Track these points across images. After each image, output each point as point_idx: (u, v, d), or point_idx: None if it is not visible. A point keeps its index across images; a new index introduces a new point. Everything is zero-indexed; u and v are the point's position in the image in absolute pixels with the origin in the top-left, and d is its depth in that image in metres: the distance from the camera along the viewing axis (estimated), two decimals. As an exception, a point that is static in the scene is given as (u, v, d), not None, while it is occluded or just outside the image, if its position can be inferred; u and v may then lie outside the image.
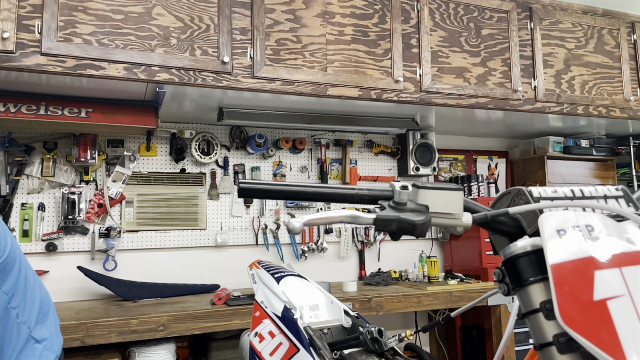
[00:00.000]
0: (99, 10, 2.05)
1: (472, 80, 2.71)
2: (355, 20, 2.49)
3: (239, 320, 2.11)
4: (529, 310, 0.62)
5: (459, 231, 0.69)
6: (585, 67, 3.02)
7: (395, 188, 0.68)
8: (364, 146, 3.19)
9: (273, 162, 2.97)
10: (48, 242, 2.47)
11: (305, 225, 0.67)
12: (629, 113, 3.09)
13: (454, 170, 3.46)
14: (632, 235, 0.60)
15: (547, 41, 2.93)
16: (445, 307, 2.58)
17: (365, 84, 2.46)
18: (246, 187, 0.72)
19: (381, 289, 2.61)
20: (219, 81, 2.20)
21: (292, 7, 2.38)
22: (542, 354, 0.60)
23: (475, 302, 0.91)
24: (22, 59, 1.93)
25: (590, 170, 3.49)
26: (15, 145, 2.43)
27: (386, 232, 0.74)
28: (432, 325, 1.03)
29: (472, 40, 2.74)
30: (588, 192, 0.70)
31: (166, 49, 2.13)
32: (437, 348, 3.18)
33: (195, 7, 2.20)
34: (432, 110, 2.82)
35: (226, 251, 2.82)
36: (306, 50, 2.37)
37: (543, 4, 2.95)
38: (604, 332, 0.52)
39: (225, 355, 2.39)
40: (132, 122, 2.36)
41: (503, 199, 0.73)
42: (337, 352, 1.03)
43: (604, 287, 0.54)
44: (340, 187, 0.73)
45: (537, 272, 0.62)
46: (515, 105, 2.80)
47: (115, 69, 2.05)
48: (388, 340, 1.02)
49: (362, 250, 3.10)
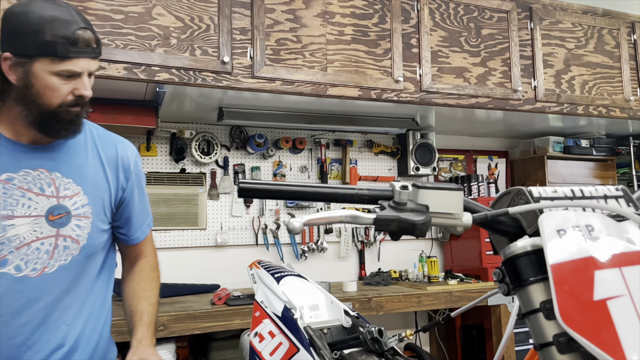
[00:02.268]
0: (99, 10, 2.05)
1: (472, 80, 2.71)
2: (355, 20, 2.49)
3: (239, 320, 2.11)
4: (529, 310, 0.62)
5: (459, 231, 0.69)
6: (585, 67, 3.02)
7: (395, 188, 0.68)
8: (364, 146, 3.19)
9: (273, 162, 2.97)
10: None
11: (305, 225, 0.67)
12: (629, 113, 3.09)
13: (454, 170, 3.46)
14: (632, 235, 0.60)
15: (547, 41, 2.93)
16: (445, 307, 2.58)
17: (365, 84, 2.46)
18: (246, 187, 0.72)
19: (381, 289, 2.61)
20: (219, 81, 2.20)
21: (292, 7, 2.38)
22: (542, 354, 0.60)
23: (475, 302, 0.91)
24: (22, 59, 1.93)
25: (590, 170, 3.49)
26: (15, 145, 2.43)
27: (386, 232, 0.74)
28: (432, 325, 1.03)
29: (472, 40, 2.74)
30: (588, 192, 0.70)
31: (166, 49, 2.13)
32: (437, 348, 3.18)
33: (195, 7, 2.20)
34: (432, 110, 2.82)
35: (226, 251, 2.82)
36: (306, 50, 2.37)
37: (543, 4, 2.95)
38: (604, 332, 0.52)
39: (225, 355, 2.39)
40: (132, 122, 2.36)
41: (503, 199, 0.73)
42: (337, 352, 1.03)
43: (604, 287, 0.54)
44: (340, 187, 0.73)
45: (537, 272, 0.62)
46: (515, 105, 2.80)
47: (115, 68, 2.05)
48: (388, 340, 1.02)
49: (362, 250, 3.10)
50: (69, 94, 1.07)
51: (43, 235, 1.12)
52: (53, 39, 1.01)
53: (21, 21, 1.02)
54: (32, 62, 1.03)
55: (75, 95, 1.08)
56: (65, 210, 1.14)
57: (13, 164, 1.10)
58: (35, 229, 1.11)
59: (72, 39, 1.02)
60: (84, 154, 1.19)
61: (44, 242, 1.12)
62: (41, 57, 1.02)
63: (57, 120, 1.09)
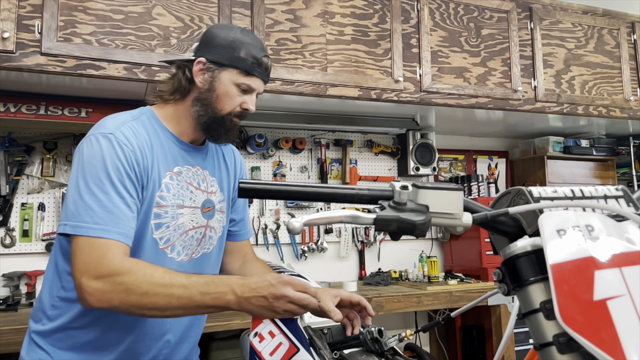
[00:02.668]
0: (99, 10, 2.05)
1: (472, 80, 2.71)
2: (355, 20, 2.49)
3: (239, 320, 2.11)
4: (529, 310, 0.62)
5: (459, 231, 0.69)
6: (585, 67, 3.02)
7: (395, 188, 0.68)
8: (364, 146, 3.19)
9: (273, 162, 2.97)
10: (48, 242, 2.47)
11: (305, 225, 0.67)
12: (629, 113, 3.09)
13: (454, 170, 3.46)
14: (632, 235, 0.60)
15: (547, 41, 2.93)
16: (445, 307, 2.58)
17: (365, 84, 2.46)
18: (246, 187, 0.72)
19: (381, 289, 2.61)
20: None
21: (292, 7, 2.38)
22: (542, 354, 0.60)
23: (475, 302, 0.91)
24: (22, 59, 1.93)
25: (590, 170, 3.49)
26: (15, 145, 2.43)
27: (386, 232, 0.74)
28: (432, 325, 1.03)
29: (472, 40, 2.74)
30: (588, 192, 0.69)
31: (166, 49, 2.13)
32: (437, 348, 3.18)
33: (195, 7, 2.20)
34: (432, 110, 2.82)
35: (226, 251, 2.82)
36: (306, 50, 2.37)
37: (543, 4, 2.95)
38: (604, 332, 0.52)
39: (225, 355, 2.39)
40: (132, 122, 2.35)
41: (503, 199, 0.73)
42: (337, 352, 1.03)
43: (604, 287, 0.54)
44: (340, 187, 0.73)
45: (537, 272, 0.62)
46: (515, 105, 2.80)
47: (115, 69, 2.05)
48: (388, 340, 1.02)
49: (362, 250, 3.10)
50: (238, 105, 1.25)
51: (197, 225, 1.25)
52: (246, 56, 1.21)
53: (222, 37, 1.22)
54: (221, 70, 1.21)
55: (242, 108, 1.26)
56: (212, 205, 1.30)
57: (180, 159, 1.24)
58: (193, 218, 1.24)
59: (259, 61, 1.23)
60: (216, 157, 1.36)
61: (197, 231, 1.25)
62: (231, 68, 1.21)
63: (222, 125, 1.25)
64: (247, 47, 1.21)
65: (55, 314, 1.16)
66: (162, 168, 1.19)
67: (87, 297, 1.01)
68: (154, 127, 1.23)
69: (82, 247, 1.04)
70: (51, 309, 1.17)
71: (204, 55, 1.23)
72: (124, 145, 1.12)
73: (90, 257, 1.03)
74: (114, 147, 1.11)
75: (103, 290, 1.00)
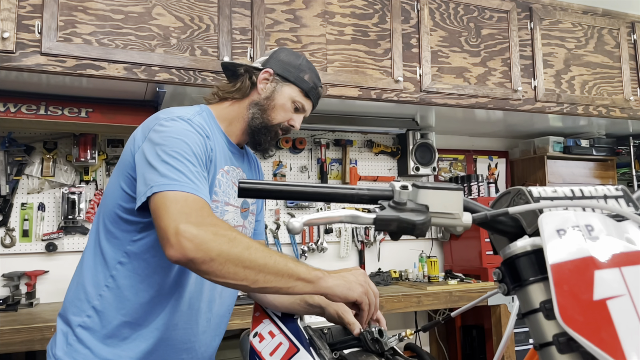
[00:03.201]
0: (99, 10, 2.05)
1: (472, 80, 2.71)
2: (355, 20, 2.49)
3: (239, 320, 2.11)
4: (529, 310, 0.62)
5: (459, 231, 0.69)
6: (585, 67, 3.02)
7: (395, 188, 0.68)
8: (364, 146, 3.19)
9: (273, 162, 2.97)
10: (48, 242, 2.47)
11: (305, 225, 0.67)
12: (629, 113, 3.09)
13: (454, 170, 3.46)
14: (632, 235, 0.60)
15: (547, 41, 2.93)
16: (445, 307, 2.58)
17: (365, 84, 2.46)
18: (246, 187, 0.71)
19: (381, 289, 2.61)
20: (219, 81, 2.20)
21: (292, 7, 2.38)
22: (542, 354, 0.60)
23: (475, 302, 0.91)
24: (22, 59, 1.93)
25: (590, 170, 3.49)
26: (15, 145, 2.43)
27: (386, 232, 0.74)
28: (432, 325, 1.03)
29: (472, 40, 2.74)
30: (588, 192, 0.69)
31: (166, 49, 2.13)
32: (437, 348, 3.18)
33: (195, 7, 2.20)
34: (432, 110, 2.82)
35: (226, 251, 2.82)
36: (306, 50, 2.37)
37: (543, 4, 2.95)
38: (603, 332, 0.52)
39: (225, 355, 2.39)
40: (132, 122, 2.35)
41: (503, 198, 0.73)
42: (337, 352, 1.03)
43: (603, 286, 0.54)
44: (340, 187, 0.73)
45: (536, 272, 0.62)
46: (515, 105, 2.80)
47: (115, 68, 2.05)
48: (388, 340, 1.02)
49: (362, 250, 3.10)
50: (286, 120, 1.35)
51: (237, 224, 1.31)
52: (309, 80, 1.37)
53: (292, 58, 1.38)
54: (284, 85, 1.34)
55: (289, 124, 1.36)
56: (247, 206, 1.36)
57: (229, 159, 1.30)
58: (235, 217, 1.30)
59: (316, 88, 1.40)
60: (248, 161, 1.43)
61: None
62: (294, 85, 1.35)
63: (268, 134, 1.34)
64: (311, 74, 1.38)
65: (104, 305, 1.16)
66: (218, 164, 1.24)
67: (184, 244, 0.94)
68: (212, 124, 1.29)
69: (176, 199, 1.00)
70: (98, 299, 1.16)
71: (272, 67, 1.35)
72: (201, 130, 1.18)
73: (188, 208, 0.99)
74: (194, 128, 1.16)
75: (204, 239, 0.95)
